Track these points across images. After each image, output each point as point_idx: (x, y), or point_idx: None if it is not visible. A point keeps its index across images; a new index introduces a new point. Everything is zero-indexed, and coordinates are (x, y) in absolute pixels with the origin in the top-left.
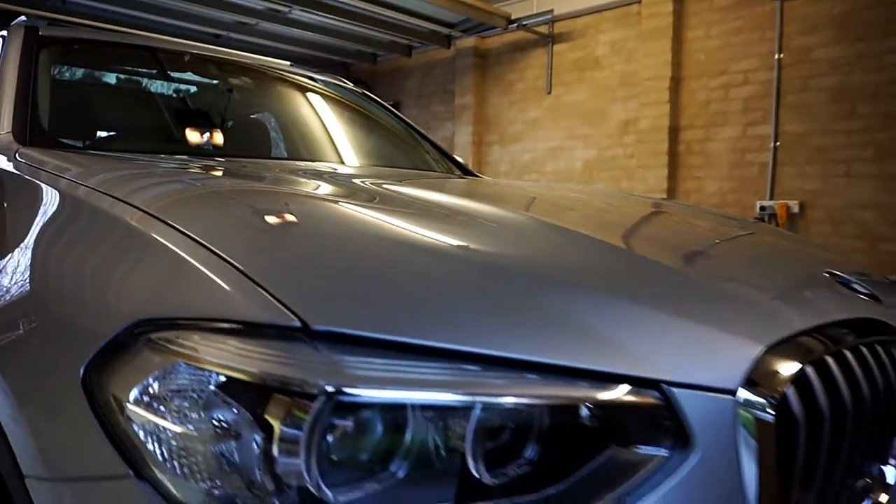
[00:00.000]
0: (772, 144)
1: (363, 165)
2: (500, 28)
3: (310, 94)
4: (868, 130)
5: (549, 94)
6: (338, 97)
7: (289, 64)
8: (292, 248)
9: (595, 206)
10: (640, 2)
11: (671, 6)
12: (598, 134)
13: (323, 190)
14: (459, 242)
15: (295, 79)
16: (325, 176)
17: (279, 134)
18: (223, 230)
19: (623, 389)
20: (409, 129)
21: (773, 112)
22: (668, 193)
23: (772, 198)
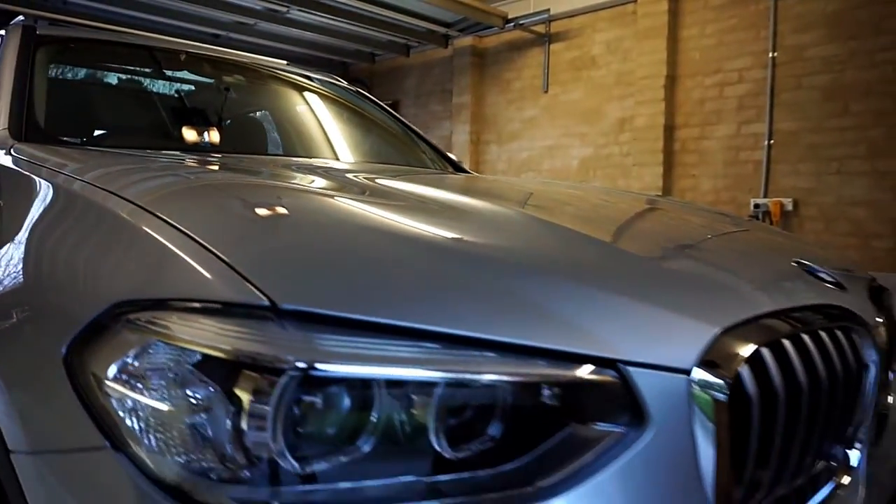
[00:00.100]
0: (766, 142)
1: (354, 161)
2: (497, 27)
3: (304, 93)
4: (860, 128)
5: (545, 92)
6: (333, 95)
7: (285, 63)
8: (265, 233)
9: (572, 198)
10: (636, 1)
11: (666, 5)
12: (594, 132)
13: (303, 181)
14: (429, 228)
15: (290, 77)
16: (311, 170)
17: (274, 131)
18: (198, 216)
19: (580, 368)
20: (403, 127)
21: (767, 110)
22: (664, 191)
23: (766, 195)
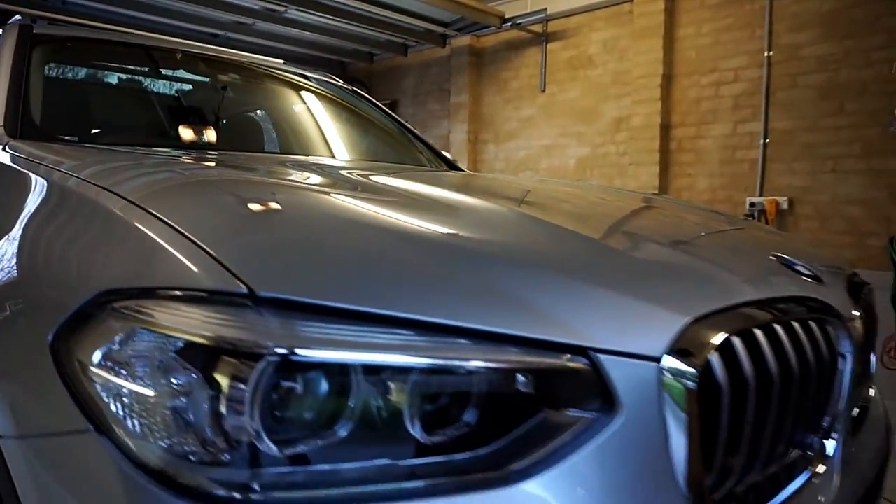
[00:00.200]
0: (761, 141)
1: (347, 159)
2: (495, 27)
3: (299, 91)
4: (855, 127)
5: (543, 92)
6: (328, 94)
7: (283, 63)
8: (247, 224)
9: (557, 194)
10: (633, 0)
11: (662, 5)
12: (591, 132)
13: (291, 176)
14: (409, 220)
15: (286, 76)
16: (301, 166)
17: (270, 129)
18: (183, 209)
19: (552, 356)
20: (398, 125)
21: (763, 109)
22: (660, 190)
23: (761, 194)
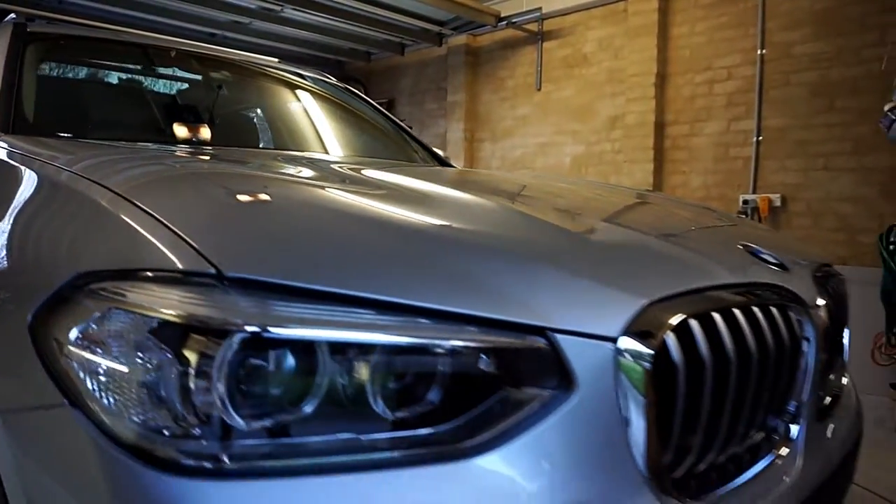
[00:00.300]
0: (754, 139)
1: (335, 154)
2: (490, 26)
3: (292, 89)
4: (847, 125)
5: (538, 90)
6: (321, 92)
7: (276, 61)
8: (217, 208)
9: (535, 187)
10: None
11: (657, 3)
12: (586, 130)
13: (269, 167)
14: (377, 206)
15: (278, 74)
16: (285, 159)
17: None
18: (156, 195)
19: (512, 335)
20: (390, 123)
21: (756, 107)
22: (655, 188)
23: (754, 191)
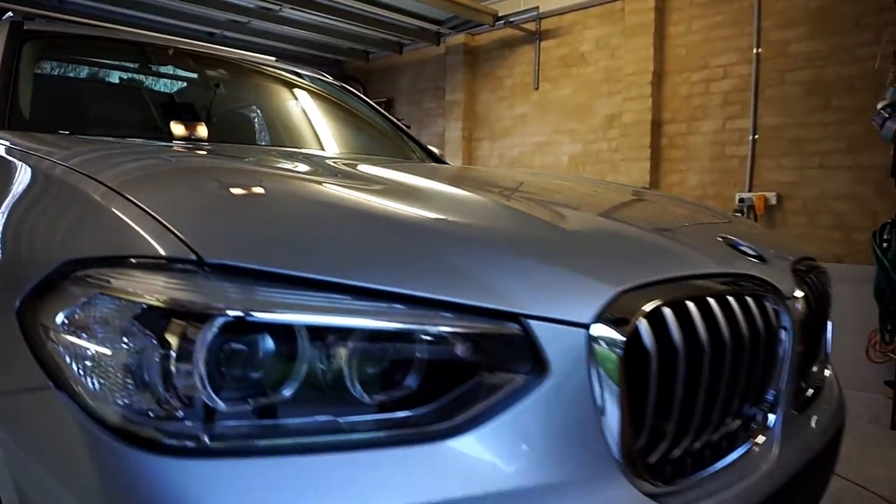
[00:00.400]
0: (750, 137)
1: (330, 151)
2: (488, 25)
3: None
4: (842, 123)
5: (536, 89)
6: (317, 90)
7: (273, 59)
8: (202, 199)
9: (522, 182)
10: None
11: (653, 2)
12: (583, 129)
13: (258, 161)
14: (359, 197)
15: (275, 72)
16: (276, 154)
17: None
18: (142, 186)
19: (486, 321)
20: (385, 121)
21: (752, 105)
22: (652, 186)
23: (750, 190)
